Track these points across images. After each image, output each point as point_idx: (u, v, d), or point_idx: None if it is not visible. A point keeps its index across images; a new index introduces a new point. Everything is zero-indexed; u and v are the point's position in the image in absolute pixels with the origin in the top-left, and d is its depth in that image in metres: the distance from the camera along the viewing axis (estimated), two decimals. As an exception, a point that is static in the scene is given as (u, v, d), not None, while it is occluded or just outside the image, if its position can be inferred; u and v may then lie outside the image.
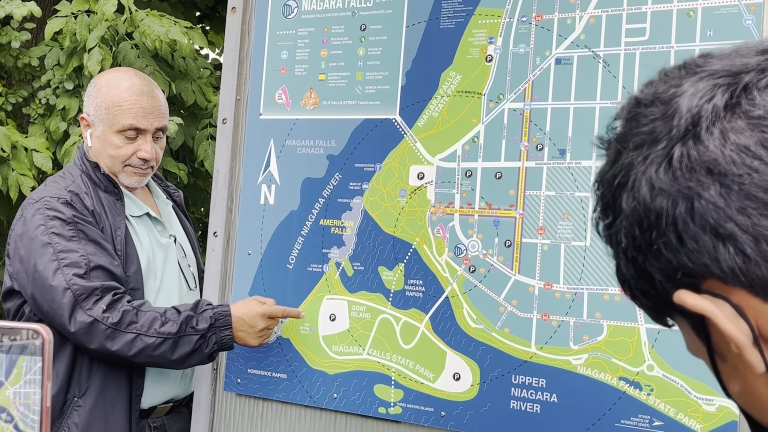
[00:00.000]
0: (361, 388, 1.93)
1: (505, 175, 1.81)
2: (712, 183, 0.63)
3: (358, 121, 1.99)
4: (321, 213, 2.02)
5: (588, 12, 1.76)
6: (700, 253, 0.63)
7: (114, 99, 2.13)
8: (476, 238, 1.83)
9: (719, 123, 0.64)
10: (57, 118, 4.20)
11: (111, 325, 1.92)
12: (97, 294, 1.94)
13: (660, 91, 0.69)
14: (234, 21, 2.17)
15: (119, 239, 2.08)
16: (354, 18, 2.01)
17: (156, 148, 2.18)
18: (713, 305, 0.65)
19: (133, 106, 2.12)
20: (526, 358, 1.76)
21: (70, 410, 2.03)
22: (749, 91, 0.64)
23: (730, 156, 0.62)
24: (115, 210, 2.12)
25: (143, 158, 2.14)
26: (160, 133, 2.18)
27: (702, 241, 0.63)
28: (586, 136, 1.73)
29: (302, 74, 2.07)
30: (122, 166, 2.15)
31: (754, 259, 0.61)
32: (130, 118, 2.12)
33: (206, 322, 1.97)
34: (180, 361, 1.97)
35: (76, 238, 1.99)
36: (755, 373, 0.65)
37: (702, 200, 0.63)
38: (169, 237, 2.24)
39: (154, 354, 1.94)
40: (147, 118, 2.13)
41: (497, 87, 1.83)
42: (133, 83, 2.14)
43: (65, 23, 4.12)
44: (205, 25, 6.71)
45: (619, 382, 1.68)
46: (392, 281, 1.92)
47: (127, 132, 2.12)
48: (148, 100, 2.13)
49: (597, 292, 1.70)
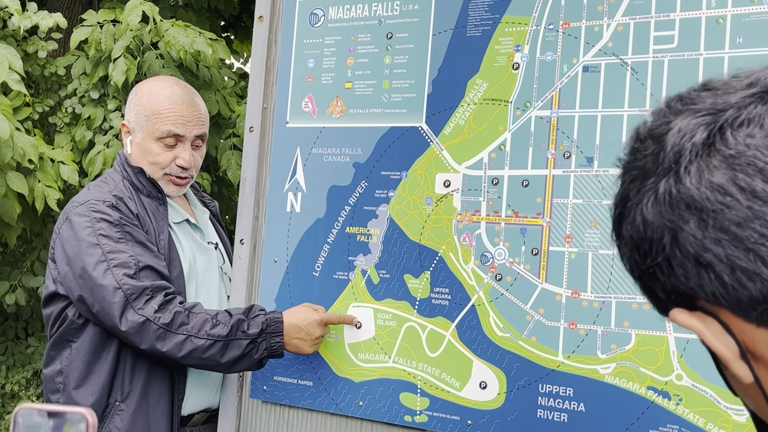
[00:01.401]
0: (386, 396, 1.93)
1: (532, 183, 1.81)
2: (691, 217, 0.69)
3: (385, 129, 1.99)
4: (347, 221, 2.02)
5: (615, 19, 1.75)
6: (687, 279, 0.70)
7: (154, 107, 2.15)
8: (503, 246, 1.83)
9: (696, 161, 0.70)
10: (83, 127, 4.24)
11: (162, 325, 1.93)
12: (148, 294, 1.95)
13: (654, 127, 0.75)
14: (261, 30, 2.18)
15: (163, 243, 2.10)
16: (380, 26, 2.02)
17: (195, 156, 2.19)
18: (701, 324, 0.72)
19: (173, 114, 2.14)
20: (553, 367, 1.75)
21: (112, 414, 2.04)
22: (724, 131, 0.70)
23: (704, 193, 0.69)
24: (158, 214, 2.14)
25: (181, 166, 2.15)
26: (199, 141, 2.19)
27: (687, 268, 0.70)
28: (614, 144, 1.73)
29: (329, 82, 2.08)
30: (162, 174, 2.16)
31: (731, 285, 0.68)
32: (169, 125, 2.13)
33: (257, 327, 1.96)
34: (229, 365, 1.96)
35: (124, 239, 2.00)
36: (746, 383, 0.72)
37: (683, 233, 0.70)
38: (208, 243, 2.26)
39: (204, 356, 1.94)
40: (186, 125, 2.14)
41: (524, 95, 1.83)
42: (173, 91, 2.16)
43: (91, 33, 4.16)
44: (230, 34, 6.76)
45: (648, 392, 1.66)
46: (418, 289, 1.92)
47: (167, 139, 2.13)
48: (188, 108, 2.15)
49: (625, 300, 1.69)
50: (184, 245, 2.17)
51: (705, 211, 0.69)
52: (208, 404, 2.18)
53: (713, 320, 0.72)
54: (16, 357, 5.01)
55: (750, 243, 0.66)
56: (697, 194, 0.69)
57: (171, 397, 2.09)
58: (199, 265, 2.18)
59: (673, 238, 0.71)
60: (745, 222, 0.67)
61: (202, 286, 2.19)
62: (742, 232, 0.67)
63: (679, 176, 0.70)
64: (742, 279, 0.67)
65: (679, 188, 0.70)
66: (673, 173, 0.71)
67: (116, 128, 4.17)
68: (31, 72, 4.26)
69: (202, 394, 2.16)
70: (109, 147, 4.08)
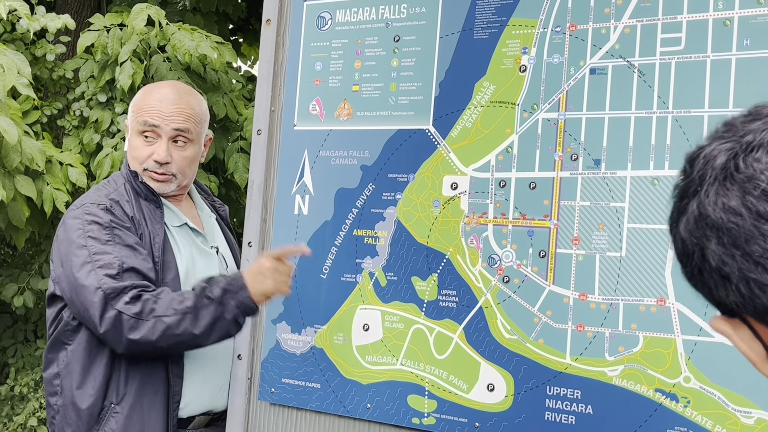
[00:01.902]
0: (394, 398, 1.93)
1: (540, 185, 1.81)
2: (713, 235, 0.77)
3: (392, 132, 2.00)
4: (354, 223, 2.03)
5: (623, 22, 1.75)
6: (717, 289, 0.79)
7: (140, 104, 2.20)
8: (510, 249, 1.83)
9: (715, 185, 0.78)
10: (90, 130, 4.25)
11: (133, 315, 1.94)
12: (126, 292, 1.96)
13: (693, 151, 0.84)
14: (269, 33, 2.19)
15: (157, 246, 2.10)
16: (387, 29, 2.03)
17: (175, 153, 2.18)
18: (732, 329, 0.81)
19: (152, 108, 2.17)
20: (560, 369, 1.75)
21: (107, 417, 2.04)
22: (738, 157, 0.77)
23: (719, 213, 0.77)
24: (154, 218, 2.14)
25: (156, 160, 2.15)
26: (181, 138, 2.18)
27: (715, 280, 0.78)
28: (621, 146, 1.73)
29: (336, 85, 2.08)
30: (142, 170, 2.17)
31: (747, 294, 0.76)
32: (146, 116, 2.16)
33: (219, 289, 1.97)
34: (205, 334, 1.97)
35: (112, 242, 2.02)
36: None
37: (708, 249, 0.78)
38: (211, 248, 2.26)
39: (178, 333, 1.95)
40: (163, 118, 2.16)
41: (531, 97, 1.83)
42: (163, 91, 2.20)
43: (97, 37, 4.17)
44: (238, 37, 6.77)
45: (656, 394, 1.66)
46: (425, 291, 1.92)
47: (146, 133, 2.16)
48: (170, 105, 2.17)
49: (633, 303, 1.69)
50: (182, 248, 2.17)
51: (721, 230, 0.76)
52: (208, 407, 2.18)
53: (744, 326, 0.80)
54: (26, 359, 5.03)
55: (756, 257, 0.74)
56: (713, 215, 0.77)
57: (166, 399, 2.09)
58: (198, 269, 2.19)
59: (702, 255, 0.79)
60: (751, 239, 0.74)
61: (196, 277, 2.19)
62: (749, 247, 0.74)
63: (701, 199, 0.79)
64: (755, 289, 0.75)
65: (701, 210, 0.78)
66: (697, 196, 0.79)
67: (123, 131, 4.18)
68: (39, 75, 4.27)
69: (202, 396, 2.16)
70: (117, 150, 4.09)
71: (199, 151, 2.28)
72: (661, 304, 1.66)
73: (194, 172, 2.28)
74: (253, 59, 7.19)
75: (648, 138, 1.70)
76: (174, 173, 2.19)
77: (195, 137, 2.23)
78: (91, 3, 5.58)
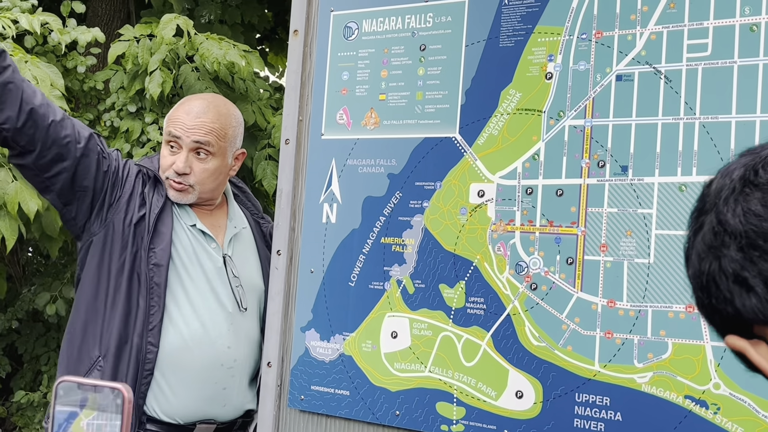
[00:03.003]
0: (423, 405, 1.94)
1: (567, 192, 1.81)
2: (731, 242, 0.77)
3: (418, 140, 2.01)
4: (382, 231, 2.04)
5: (649, 28, 1.75)
6: (733, 300, 0.78)
7: (171, 114, 2.31)
8: (537, 256, 1.83)
9: (734, 195, 0.79)
10: (121, 140, 4.30)
11: None
12: None
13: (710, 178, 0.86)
14: (296, 43, 2.21)
15: (154, 214, 2.21)
16: (413, 38, 2.04)
17: (195, 165, 2.26)
18: (748, 344, 0.81)
19: (178, 120, 2.27)
20: (589, 376, 1.75)
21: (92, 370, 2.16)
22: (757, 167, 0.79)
23: (738, 217, 0.78)
24: (159, 195, 2.25)
25: (175, 170, 2.23)
26: (201, 150, 2.25)
27: (731, 289, 0.78)
28: (648, 153, 1.73)
29: (363, 94, 2.10)
30: (164, 178, 2.28)
31: (764, 298, 0.76)
32: (170, 127, 2.27)
33: None
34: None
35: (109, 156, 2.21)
36: None
37: (725, 257, 0.78)
38: (223, 255, 2.29)
39: None
40: (185, 130, 2.25)
41: (557, 104, 1.84)
42: (192, 103, 2.30)
43: (128, 47, 4.23)
44: (265, 47, 6.82)
45: (685, 401, 1.66)
46: (453, 299, 1.93)
47: (170, 142, 2.27)
48: (194, 117, 2.25)
49: (661, 309, 1.69)
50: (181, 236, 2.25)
51: (740, 235, 0.77)
52: (205, 414, 2.22)
53: (762, 342, 0.80)
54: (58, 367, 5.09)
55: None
56: (732, 221, 0.78)
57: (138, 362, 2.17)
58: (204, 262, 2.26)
59: (719, 265, 0.79)
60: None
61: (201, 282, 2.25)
62: None
63: (719, 209, 0.80)
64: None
65: (720, 218, 0.79)
66: (715, 209, 0.81)
67: (153, 141, 4.23)
68: (71, 87, 4.34)
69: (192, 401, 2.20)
70: (147, 159, 4.14)
71: (224, 165, 2.31)
72: (690, 310, 1.66)
73: (218, 184, 2.32)
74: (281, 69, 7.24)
75: (675, 144, 1.70)
76: (191, 184, 2.26)
77: (217, 151, 2.28)
78: (121, 15, 5.65)
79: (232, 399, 2.25)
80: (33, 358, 5.26)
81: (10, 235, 3.39)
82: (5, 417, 5.36)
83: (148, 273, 2.16)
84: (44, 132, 2.05)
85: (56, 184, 2.12)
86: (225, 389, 2.23)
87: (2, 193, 3.32)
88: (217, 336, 2.22)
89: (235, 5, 5.51)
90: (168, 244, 2.18)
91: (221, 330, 2.22)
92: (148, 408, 2.17)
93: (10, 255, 4.87)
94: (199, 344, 2.19)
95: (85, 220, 2.19)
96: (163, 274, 2.16)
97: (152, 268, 2.16)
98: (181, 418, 2.19)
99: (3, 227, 3.36)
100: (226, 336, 2.23)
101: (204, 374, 2.20)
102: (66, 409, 0.95)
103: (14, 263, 5.04)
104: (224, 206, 2.40)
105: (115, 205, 2.19)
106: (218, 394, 2.23)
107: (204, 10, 5.38)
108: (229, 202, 2.42)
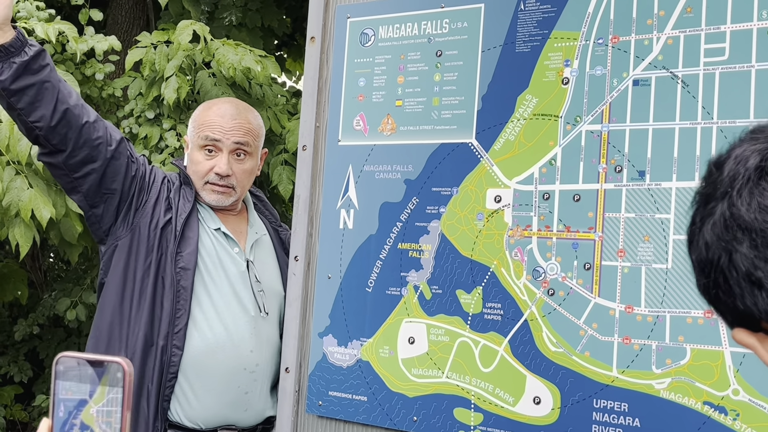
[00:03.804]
0: (440, 411, 1.94)
1: (584, 198, 1.81)
2: (744, 238, 0.74)
3: (435, 146, 2.01)
4: (399, 237, 2.04)
5: (665, 33, 1.75)
6: (743, 297, 0.75)
7: (201, 119, 2.31)
8: (555, 261, 1.83)
9: (748, 185, 0.75)
10: (140, 146, 4.33)
11: None
12: None
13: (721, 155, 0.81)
14: (313, 50, 2.22)
15: (181, 217, 2.22)
16: (430, 44, 2.04)
17: (236, 166, 2.29)
18: (757, 341, 0.78)
19: (214, 123, 2.29)
20: (607, 382, 1.75)
21: None
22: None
23: (754, 214, 0.73)
24: (186, 200, 2.26)
25: (218, 173, 2.23)
26: (241, 151, 2.29)
27: (742, 287, 0.75)
28: (665, 158, 1.72)
29: (379, 101, 2.10)
30: (203, 184, 2.28)
31: None
32: (208, 131, 2.27)
33: None
34: None
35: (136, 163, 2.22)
36: None
37: (737, 253, 0.74)
38: (245, 260, 2.30)
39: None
40: (224, 132, 2.27)
41: (574, 109, 1.84)
42: (222, 107, 2.33)
43: (145, 54, 4.25)
44: (283, 53, 6.84)
45: (704, 407, 1.65)
46: (470, 304, 1.93)
47: (207, 146, 2.28)
48: (230, 120, 2.28)
49: (680, 315, 1.68)
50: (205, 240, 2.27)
51: (755, 232, 0.73)
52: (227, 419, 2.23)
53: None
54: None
55: None
56: (747, 216, 0.73)
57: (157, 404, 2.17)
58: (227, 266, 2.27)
59: (729, 259, 0.75)
60: None
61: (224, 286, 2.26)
62: None
63: (732, 200, 0.75)
64: None
65: (733, 211, 0.75)
66: (728, 197, 0.76)
67: (171, 147, 4.26)
68: (89, 94, 4.37)
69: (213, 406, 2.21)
70: (165, 165, 4.16)
71: (256, 164, 2.40)
72: (709, 316, 1.65)
73: (250, 184, 2.40)
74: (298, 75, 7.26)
75: (693, 149, 1.69)
76: (233, 185, 2.30)
77: (253, 150, 2.35)
78: (140, 22, 5.69)
79: (254, 404, 2.26)
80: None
81: (24, 242, 3.42)
82: (27, 421, 5.40)
83: (175, 276, 2.17)
84: (77, 132, 2.08)
85: (84, 184, 2.15)
86: (247, 393, 2.24)
87: (17, 201, 3.36)
88: (240, 340, 2.23)
89: (255, 9, 5.53)
90: (195, 249, 2.20)
91: (244, 334, 2.24)
92: (172, 413, 2.18)
93: (32, 261, 4.92)
94: (222, 348, 2.21)
95: (110, 224, 2.21)
96: (190, 277, 2.18)
97: (179, 272, 2.18)
98: (204, 422, 2.20)
99: (18, 234, 3.40)
100: (249, 340, 2.25)
101: (227, 378, 2.22)
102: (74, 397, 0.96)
103: (35, 269, 5.08)
104: (244, 213, 2.43)
105: (141, 209, 2.21)
106: (240, 399, 2.24)
107: (225, 12, 5.40)
108: (249, 209, 2.45)
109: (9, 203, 3.35)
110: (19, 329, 5.04)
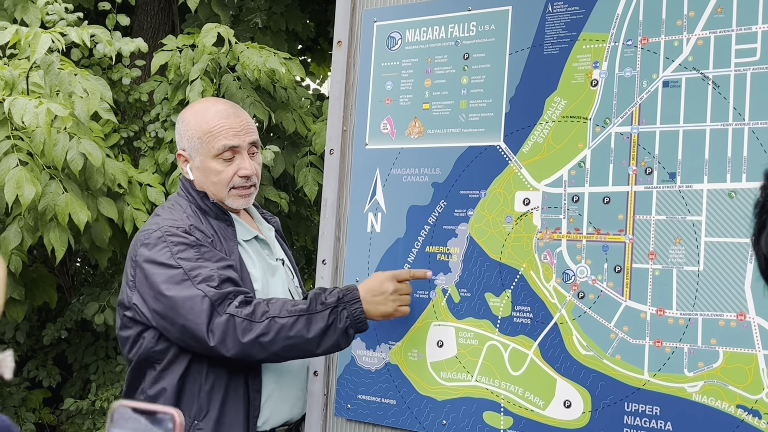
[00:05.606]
0: (470, 414, 1.94)
1: (614, 200, 1.80)
2: None
3: (463, 149, 2.01)
4: (427, 240, 2.04)
5: (695, 33, 1.74)
6: None
7: (204, 127, 2.19)
8: (585, 264, 1.82)
9: None
10: (165, 150, 4.36)
11: (246, 317, 1.97)
12: (231, 297, 2.00)
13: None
14: (340, 54, 2.23)
15: (235, 257, 2.14)
16: (457, 47, 2.04)
17: (254, 163, 2.22)
18: None
19: (223, 129, 2.17)
20: (638, 386, 1.73)
21: None
22: None
23: None
24: (227, 235, 2.18)
25: (245, 175, 2.18)
26: (254, 148, 2.22)
27: None
28: (696, 159, 1.71)
29: (407, 104, 2.10)
30: (227, 190, 2.19)
31: None
32: (222, 139, 2.16)
33: (335, 297, 1.99)
34: (316, 340, 1.97)
35: (202, 258, 2.06)
36: None
37: None
38: (277, 260, 2.29)
39: (291, 335, 1.96)
40: (238, 135, 2.18)
41: (603, 111, 1.83)
42: (217, 109, 2.21)
43: (170, 57, 4.28)
44: (307, 57, 6.87)
45: (737, 410, 1.63)
46: (499, 307, 1.92)
47: (224, 154, 2.17)
48: (235, 119, 2.19)
49: (712, 318, 1.67)
50: (256, 262, 2.21)
51: None
52: (287, 417, 2.21)
53: None
54: (107, 375, 5.16)
55: None
56: None
57: (247, 414, 2.12)
58: (271, 283, 2.22)
59: None
60: None
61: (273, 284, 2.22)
62: None
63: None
64: None
65: None
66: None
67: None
68: (116, 98, 4.40)
69: (281, 407, 2.19)
70: (191, 169, 4.19)
71: None
72: (741, 318, 1.63)
73: None
74: (322, 78, 7.28)
75: (724, 150, 1.68)
76: (255, 183, 2.23)
77: (260, 145, 2.29)
78: (165, 27, 5.73)
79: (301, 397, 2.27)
80: (82, 367, 5.35)
81: (59, 246, 3.44)
82: (56, 425, 5.45)
83: None
84: None
85: None
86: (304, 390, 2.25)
87: (53, 204, 3.38)
88: None
89: (279, 12, 5.56)
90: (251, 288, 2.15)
91: None
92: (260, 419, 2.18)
93: (60, 265, 4.96)
94: None
95: None
96: None
97: None
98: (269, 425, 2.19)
99: (54, 239, 3.42)
100: None
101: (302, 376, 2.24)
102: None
103: (63, 274, 5.13)
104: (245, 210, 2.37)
105: None
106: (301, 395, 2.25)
107: (251, 14, 5.43)
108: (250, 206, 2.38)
109: (44, 207, 3.37)
110: (48, 333, 5.09)
